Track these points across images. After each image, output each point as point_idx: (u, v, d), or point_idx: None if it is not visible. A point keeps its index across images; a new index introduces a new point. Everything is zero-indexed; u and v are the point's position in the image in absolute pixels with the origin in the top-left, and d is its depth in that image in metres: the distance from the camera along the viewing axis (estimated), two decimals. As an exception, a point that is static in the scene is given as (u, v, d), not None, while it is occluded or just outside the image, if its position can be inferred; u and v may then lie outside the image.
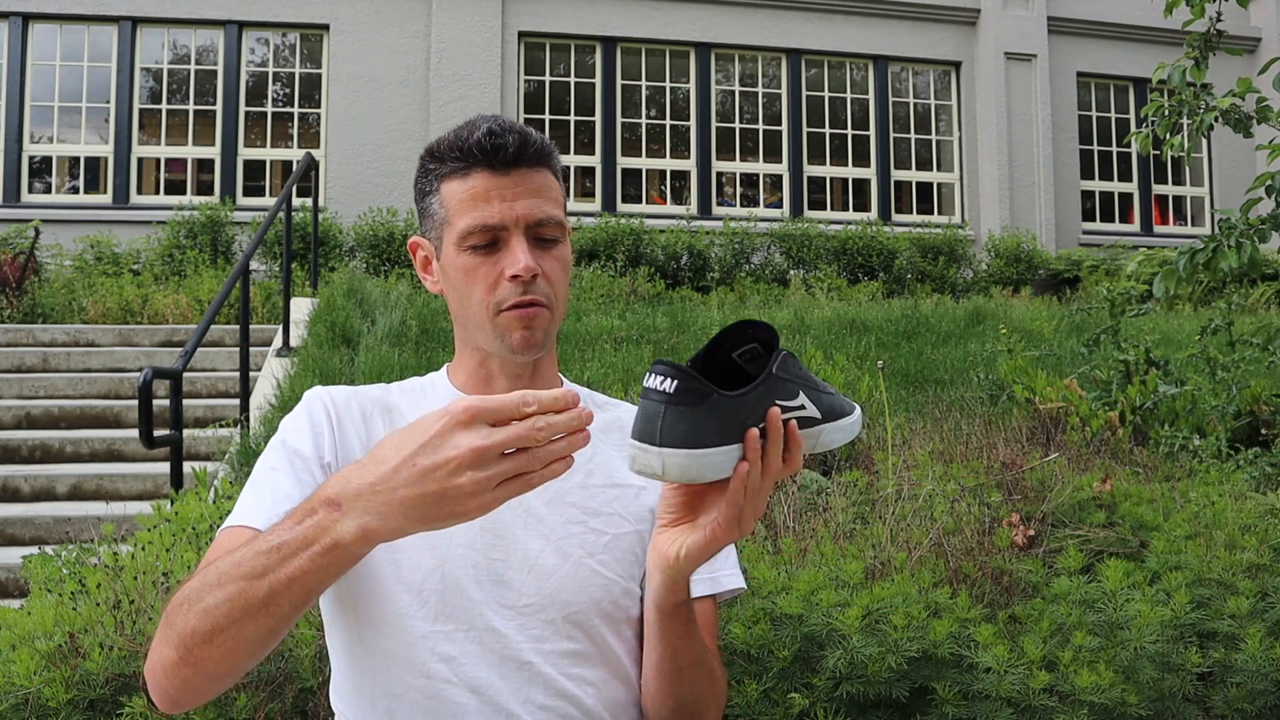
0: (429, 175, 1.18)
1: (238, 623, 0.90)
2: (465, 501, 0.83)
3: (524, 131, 1.15)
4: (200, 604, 0.91)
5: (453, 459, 0.82)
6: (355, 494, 0.86)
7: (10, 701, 1.76)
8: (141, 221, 9.46)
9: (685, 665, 1.11)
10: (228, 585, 0.90)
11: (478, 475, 0.82)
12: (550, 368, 1.25)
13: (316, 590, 0.90)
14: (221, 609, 0.90)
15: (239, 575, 0.90)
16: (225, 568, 0.92)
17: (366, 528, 0.85)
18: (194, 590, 0.94)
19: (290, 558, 0.88)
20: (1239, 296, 8.94)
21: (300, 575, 0.88)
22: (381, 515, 0.85)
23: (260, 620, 0.89)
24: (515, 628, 1.11)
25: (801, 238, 10.24)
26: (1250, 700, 1.97)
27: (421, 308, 6.55)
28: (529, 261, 1.12)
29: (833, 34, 11.39)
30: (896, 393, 4.86)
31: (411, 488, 0.83)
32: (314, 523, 0.88)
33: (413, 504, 0.84)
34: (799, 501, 2.71)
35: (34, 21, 9.87)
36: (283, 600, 0.89)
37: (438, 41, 10.31)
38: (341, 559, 0.87)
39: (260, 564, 0.89)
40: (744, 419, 0.93)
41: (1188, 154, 3.63)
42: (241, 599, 0.89)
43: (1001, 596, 2.21)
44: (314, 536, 0.87)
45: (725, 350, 0.98)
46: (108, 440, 5.40)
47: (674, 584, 1.03)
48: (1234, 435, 3.89)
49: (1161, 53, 11.30)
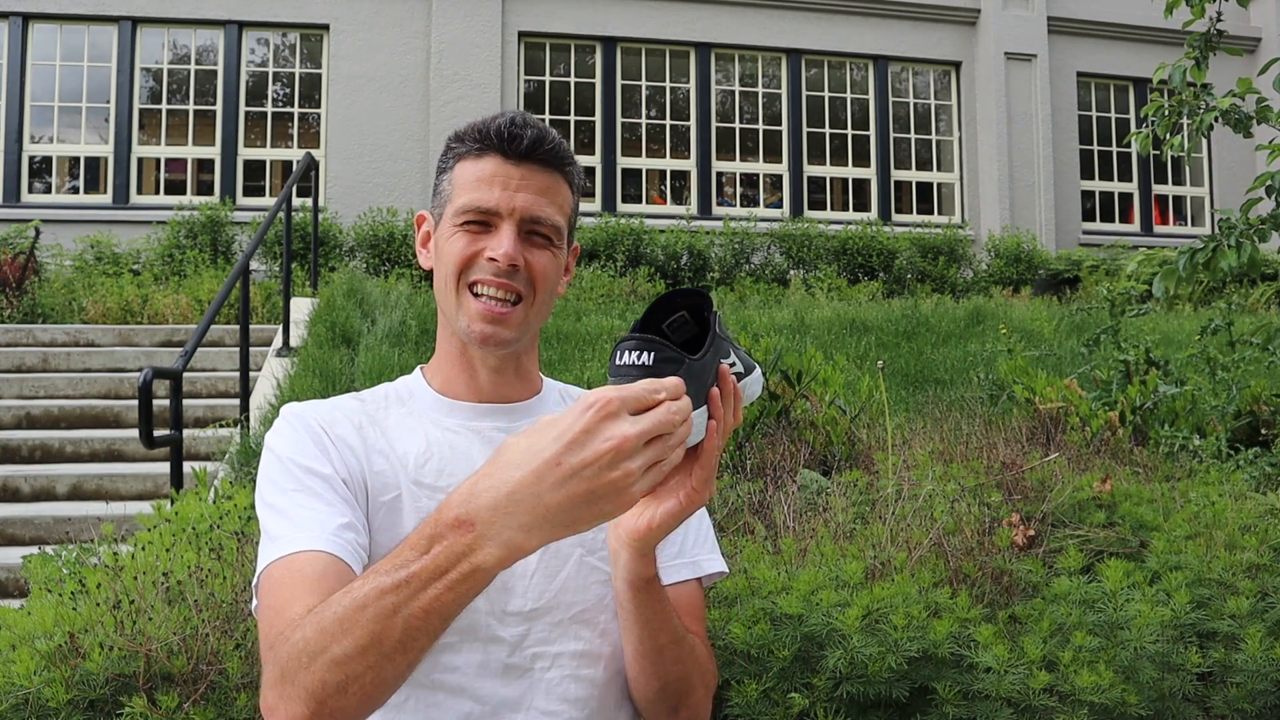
0: (448, 154, 1.20)
1: (374, 667, 0.84)
2: (615, 498, 0.79)
3: (544, 130, 1.16)
4: (327, 655, 0.85)
5: (606, 451, 0.78)
6: (491, 509, 0.80)
7: (10, 701, 1.76)
8: (141, 221, 9.46)
9: (665, 643, 1.10)
10: (355, 631, 0.84)
11: (630, 466, 0.78)
12: (532, 365, 1.25)
13: (453, 618, 0.85)
14: (354, 657, 0.84)
15: (368, 619, 0.83)
16: (344, 611, 0.85)
17: (511, 544, 0.80)
18: (312, 640, 0.86)
19: (422, 590, 0.82)
20: (1239, 296, 8.94)
21: (438, 608, 0.82)
22: (526, 528, 0.80)
23: (398, 661, 0.84)
24: (519, 635, 1.11)
25: (801, 238, 10.24)
26: (1250, 700, 1.97)
27: (421, 308, 6.54)
28: (510, 249, 1.12)
29: (833, 34, 11.39)
30: (896, 393, 4.86)
31: (559, 490, 0.78)
32: (445, 548, 0.81)
33: (562, 508, 0.79)
34: (799, 501, 2.71)
35: (34, 21, 9.87)
36: (421, 636, 0.83)
37: (438, 41, 10.31)
38: (481, 583, 0.82)
39: (389, 603, 0.83)
40: (709, 381, 0.93)
41: (1188, 154, 3.63)
42: (375, 643, 0.83)
43: (1001, 596, 2.21)
44: (448, 564, 0.81)
45: (657, 323, 0.97)
46: (108, 440, 5.40)
47: (643, 557, 1.02)
48: (1234, 435, 3.89)
49: (1161, 53, 11.30)
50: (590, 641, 1.13)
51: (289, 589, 0.97)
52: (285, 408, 1.18)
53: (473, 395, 1.20)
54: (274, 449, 1.12)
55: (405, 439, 1.16)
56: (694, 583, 1.22)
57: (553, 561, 1.13)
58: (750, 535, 2.55)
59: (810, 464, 3.19)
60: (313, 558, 0.99)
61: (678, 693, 1.13)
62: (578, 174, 1.21)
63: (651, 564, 1.04)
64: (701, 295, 0.98)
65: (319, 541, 1.01)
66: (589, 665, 1.13)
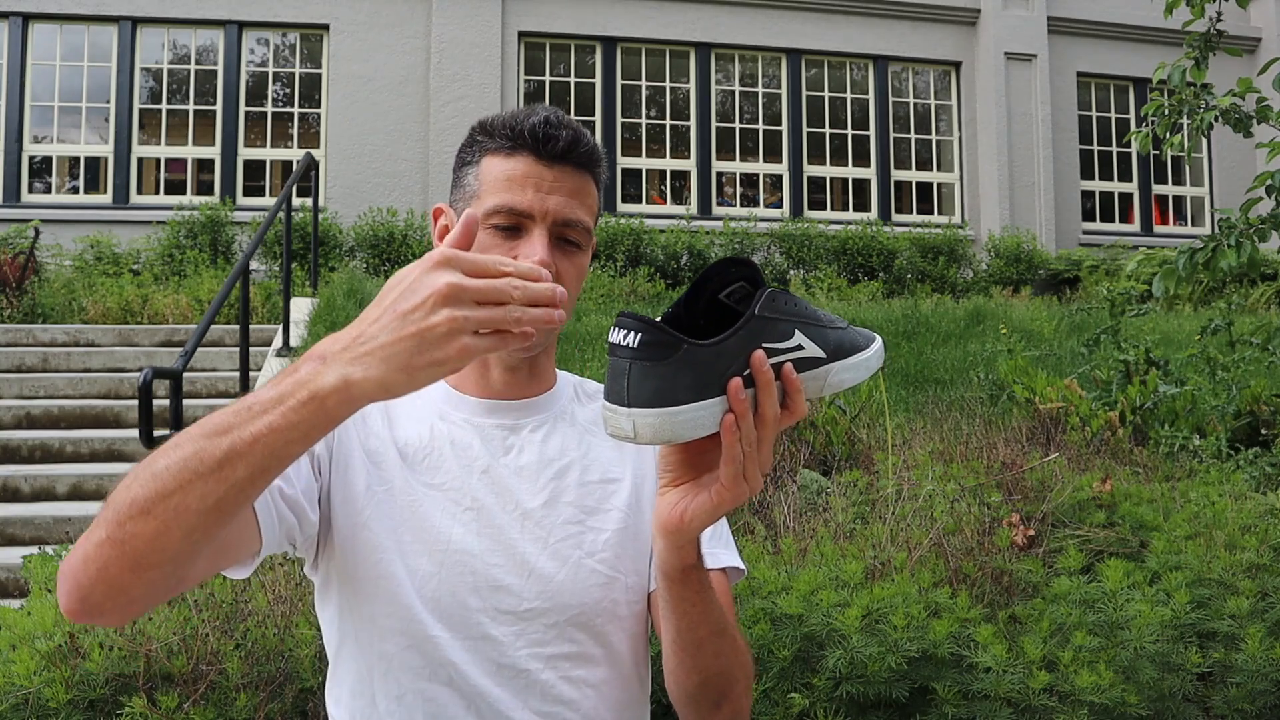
0: (474, 146, 1.16)
1: (184, 486, 0.81)
2: (443, 344, 0.80)
3: (579, 130, 1.13)
4: (150, 468, 0.83)
5: (429, 296, 0.80)
6: (339, 348, 0.82)
7: (10, 701, 1.76)
8: (141, 221, 9.46)
9: (705, 636, 1.05)
10: (184, 446, 0.82)
11: (454, 313, 0.80)
12: (548, 363, 1.24)
13: (280, 458, 0.82)
14: (171, 470, 0.81)
15: (199, 434, 0.82)
16: (188, 431, 0.84)
17: (347, 378, 0.81)
18: (148, 458, 0.84)
19: (261, 415, 0.81)
20: (1239, 296, 8.94)
21: (267, 433, 0.80)
22: (363, 365, 0.81)
23: (209, 484, 0.80)
24: (513, 634, 1.10)
25: (801, 238, 10.24)
26: (1250, 700, 1.97)
27: (421, 308, 6.53)
28: (546, 256, 1.09)
29: (833, 34, 11.39)
30: (896, 393, 4.86)
31: (390, 333, 0.80)
32: (294, 379, 0.82)
33: (391, 349, 0.80)
34: (799, 501, 2.71)
35: (34, 21, 9.87)
36: (239, 463, 0.80)
37: (438, 41, 10.31)
38: (316, 416, 0.81)
39: (225, 421, 0.82)
40: (724, 368, 0.85)
41: (1188, 154, 3.63)
42: (195, 458, 0.81)
43: (1001, 596, 2.21)
44: (290, 391, 0.81)
45: (710, 292, 0.90)
46: (108, 440, 5.40)
47: (679, 548, 0.98)
48: (1234, 435, 3.89)
49: (1161, 53, 11.30)
50: (584, 645, 1.12)
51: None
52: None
53: (483, 392, 1.19)
54: None
55: (409, 426, 1.16)
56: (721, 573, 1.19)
57: (550, 564, 1.12)
58: (750, 535, 2.55)
59: (810, 464, 3.19)
60: None
61: (719, 688, 1.09)
62: (604, 173, 1.19)
63: (690, 554, 1.00)
64: (753, 267, 0.90)
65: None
66: (583, 667, 1.12)
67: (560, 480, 1.15)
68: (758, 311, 0.86)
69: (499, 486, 1.13)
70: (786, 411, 0.90)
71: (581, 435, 1.19)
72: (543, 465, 1.16)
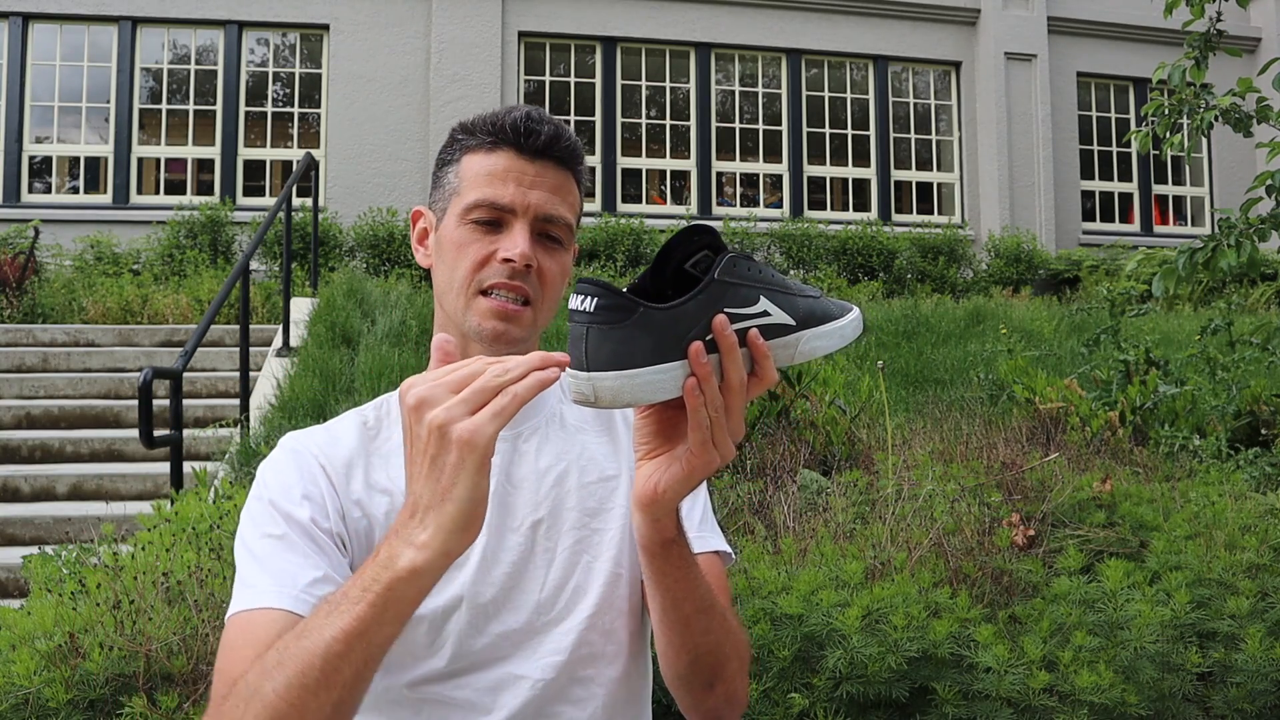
0: (454, 145, 1.15)
1: (298, 705, 0.80)
2: (457, 450, 0.79)
3: (560, 127, 1.13)
4: (259, 696, 0.81)
5: (422, 435, 0.80)
6: (397, 529, 0.83)
7: (10, 701, 1.76)
8: (141, 221, 9.46)
9: (690, 612, 1.05)
10: (287, 664, 0.81)
11: (438, 412, 0.79)
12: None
13: (379, 647, 0.81)
14: (281, 693, 0.80)
15: (299, 649, 0.81)
16: (283, 644, 0.83)
17: (417, 544, 0.80)
18: (252, 681, 0.83)
19: (347, 611, 0.80)
20: (1239, 296, 8.94)
21: (359, 629, 0.79)
22: (423, 526, 0.80)
23: (322, 698, 0.80)
24: (527, 650, 1.09)
25: (801, 238, 10.24)
26: (1250, 700, 1.97)
27: (421, 308, 6.54)
28: (526, 249, 1.08)
29: (833, 34, 11.39)
30: (896, 393, 4.86)
31: (420, 482, 0.81)
32: (371, 568, 0.82)
33: (431, 493, 0.80)
34: (799, 501, 2.71)
35: (34, 21, 9.87)
36: (343, 665, 0.79)
37: (438, 41, 10.31)
38: (401, 598, 0.80)
39: (315, 627, 0.81)
40: (683, 332, 0.84)
41: (1187, 153, 3.63)
42: (300, 676, 0.80)
43: (1001, 596, 2.21)
44: (371, 580, 0.81)
45: (676, 263, 0.90)
46: (108, 440, 5.40)
47: (657, 521, 0.98)
48: (1234, 435, 3.89)
49: (1161, 53, 11.30)
50: (596, 645, 1.12)
51: (241, 651, 0.94)
52: (285, 438, 1.14)
53: None
54: (263, 483, 1.09)
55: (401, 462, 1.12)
56: (711, 557, 1.19)
57: (558, 574, 1.12)
58: (750, 535, 2.55)
59: (810, 464, 3.19)
60: (274, 617, 0.96)
61: (710, 666, 1.09)
62: (586, 173, 1.18)
63: (668, 528, 0.99)
64: (714, 234, 0.89)
65: (285, 599, 0.97)
66: (593, 667, 1.12)
67: (560, 487, 1.14)
68: (717, 276, 0.85)
69: (502, 505, 1.12)
70: (755, 378, 0.89)
71: (573, 436, 1.19)
72: (541, 475, 1.14)
